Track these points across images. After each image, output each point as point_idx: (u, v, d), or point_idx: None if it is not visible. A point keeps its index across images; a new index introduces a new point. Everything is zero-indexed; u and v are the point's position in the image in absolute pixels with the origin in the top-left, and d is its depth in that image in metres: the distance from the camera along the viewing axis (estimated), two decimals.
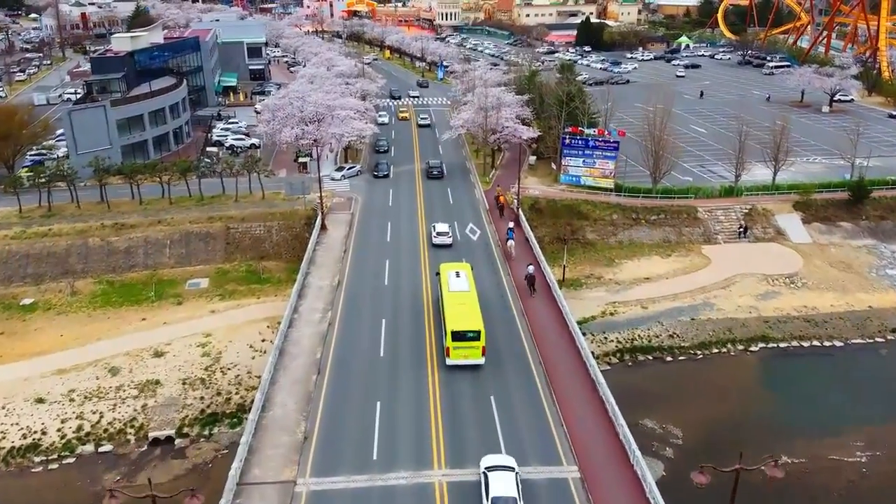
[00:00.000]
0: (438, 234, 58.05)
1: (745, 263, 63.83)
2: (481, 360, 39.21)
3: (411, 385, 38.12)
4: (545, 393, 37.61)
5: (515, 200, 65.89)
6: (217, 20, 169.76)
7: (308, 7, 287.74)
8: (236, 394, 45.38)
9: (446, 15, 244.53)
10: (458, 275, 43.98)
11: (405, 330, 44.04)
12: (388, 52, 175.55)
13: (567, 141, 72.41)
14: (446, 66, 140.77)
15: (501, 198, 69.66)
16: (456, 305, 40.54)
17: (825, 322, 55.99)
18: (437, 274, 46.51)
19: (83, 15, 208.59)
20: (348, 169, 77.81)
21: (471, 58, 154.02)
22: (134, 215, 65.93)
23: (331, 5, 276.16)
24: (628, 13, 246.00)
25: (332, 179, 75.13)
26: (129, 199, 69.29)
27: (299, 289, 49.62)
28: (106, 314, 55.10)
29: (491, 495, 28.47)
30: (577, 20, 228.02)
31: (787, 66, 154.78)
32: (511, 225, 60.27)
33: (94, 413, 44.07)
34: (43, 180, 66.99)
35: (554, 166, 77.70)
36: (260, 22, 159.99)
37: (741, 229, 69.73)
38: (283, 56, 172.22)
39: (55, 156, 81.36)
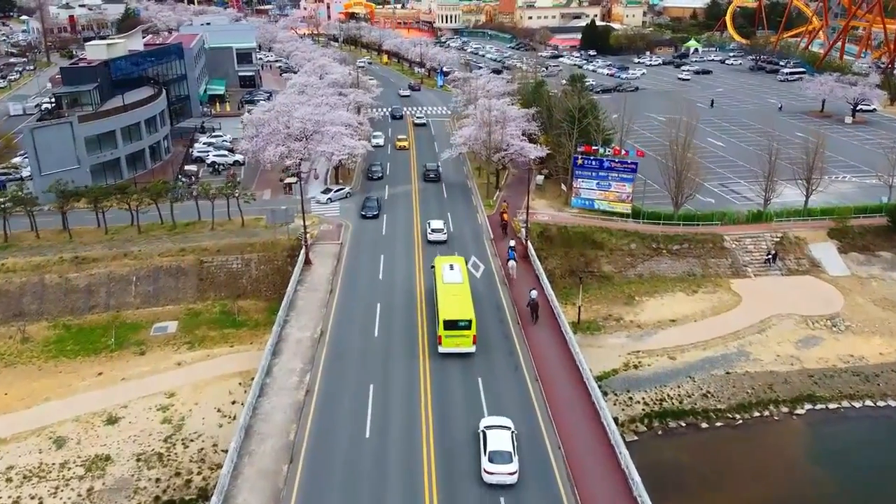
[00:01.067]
0: (433, 230, 59.35)
1: (780, 301, 57.05)
2: (472, 349, 40.87)
3: (404, 481, 31.33)
4: (564, 485, 30.87)
5: (523, 229, 59.15)
6: (208, 23, 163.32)
7: (305, 9, 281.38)
8: (198, 474, 38.53)
9: (446, 17, 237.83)
10: (451, 267, 46.09)
11: (397, 400, 37.21)
12: (385, 58, 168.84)
13: (579, 161, 65.63)
14: (446, 74, 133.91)
15: (505, 215, 63.63)
16: (449, 296, 42.31)
17: (876, 376, 49.14)
18: (432, 266, 48.45)
19: (71, 18, 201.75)
20: (336, 191, 70.69)
21: (471, 63, 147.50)
22: (98, 247, 59.13)
23: (328, 7, 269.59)
24: (633, 15, 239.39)
25: (318, 203, 68.32)
26: (94, 228, 62.47)
27: (274, 342, 42.81)
28: (58, 367, 48.26)
29: (489, 449, 31.11)
30: (581, 22, 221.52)
31: (802, 73, 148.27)
32: (512, 244, 55.19)
33: (32, 499, 37.26)
34: None
35: (564, 188, 70.89)
36: (250, 26, 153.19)
37: (769, 256, 63.07)
38: (277, 61, 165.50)
39: (20, 176, 74.67)
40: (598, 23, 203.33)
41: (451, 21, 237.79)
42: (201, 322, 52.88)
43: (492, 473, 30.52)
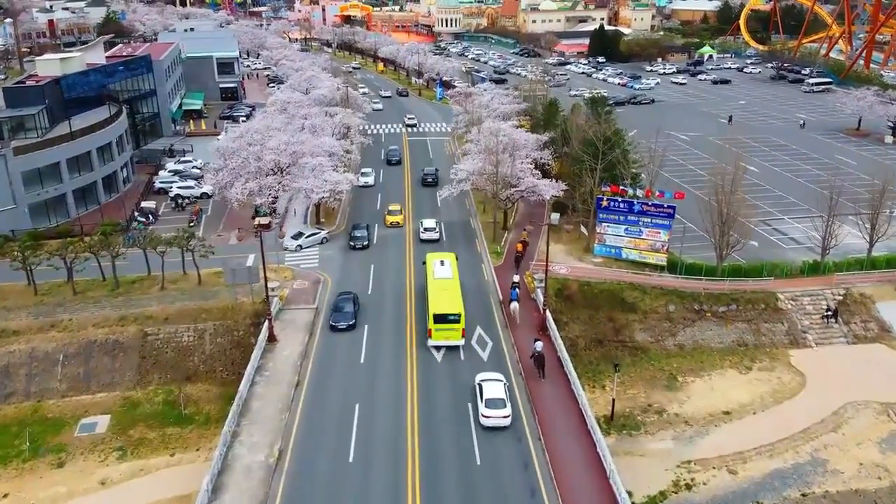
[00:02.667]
0: (426, 229, 59.34)
1: (851, 382, 46.59)
2: (461, 342, 42.40)
3: None
4: None
5: (538, 290, 48.67)
6: (192, 28, 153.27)
7: (299, 11, 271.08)
8: None
9: (446, 21, 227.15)
10: (442, 263, 47.50)
11: None
12: (381, 65, 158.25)
13: (604, 203, 55.09)
14: (446, 86, 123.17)
15: (520, 245, 55.31)
16: (439, 291, 43.90)
17: None
18: (424, 263, 49.76)
19: (50, 22, 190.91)
20: (308, 236, 59.47)
21: (473, 74, 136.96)
22: (22, 313, 48.58)
23: (323, 10, 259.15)
24: (641, 19, 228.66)
25: (287, 250, 57.75)
26: (23, 286, 51.86)
27: (215, 474, 32.24)
28: None
29: (485, 397, 35.73)
30: (587, 26, 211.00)
31: (829, 84, 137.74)
32: (516, 280, 49.52)
33: None
34: None
35: (584, 230, 60.28)
36: (232, 32, 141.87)
37: (829, 313, 52.73)
38: (266, 69, 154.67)
39: None
40: (606, 27, 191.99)
41: (451, 25, 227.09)
42: (139, 417, 42.33)
43: (488, 417, 35.33)
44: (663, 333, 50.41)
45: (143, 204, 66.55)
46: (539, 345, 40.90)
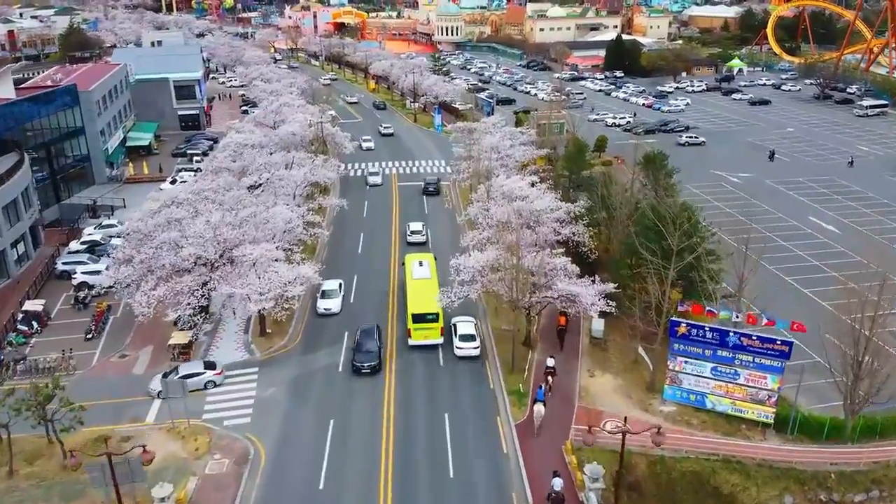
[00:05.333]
0: (412, 232, 58.87)
1: None
2: (440, 340, 42.86)
3: None
4: None
5: (593, 496, 30.58)
6: (159, 42, 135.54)
7: (289, 18, 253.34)
8: None
9: (446, 29, 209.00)
10: (421, 264, 48.06)
11: None
12: (372, 83, 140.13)
13: (680, 330, 36.86)
14: (445, 128, 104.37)
15: (563, 319, 42.40)
16: (418, 291, 44.59)
17: None
18: (402, 264, 50.77)
19: (10, 33, 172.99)
20: (186, 376, 38.38)
21: (477, 95, 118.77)
22: None
23: (314, 17, 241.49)
24: (658, 26, 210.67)
25: (151, 395, 39.18)
26: None
27: None
28: None
29: (459, 333, 42.37)
30: (600, 35, 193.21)
31: (884, 106, 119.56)
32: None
33: None
34: None
35: (644, 354, 41.91)
36: (202, 47, 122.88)
37: None
38: (242, 86, 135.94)
39: None
40: (623, 37, 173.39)
41: (451, 33, 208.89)
42: None
43: (461, 349, 41.81)
44: None
45: (28, 305, 48.03)
46: (558, 482, 30.80)
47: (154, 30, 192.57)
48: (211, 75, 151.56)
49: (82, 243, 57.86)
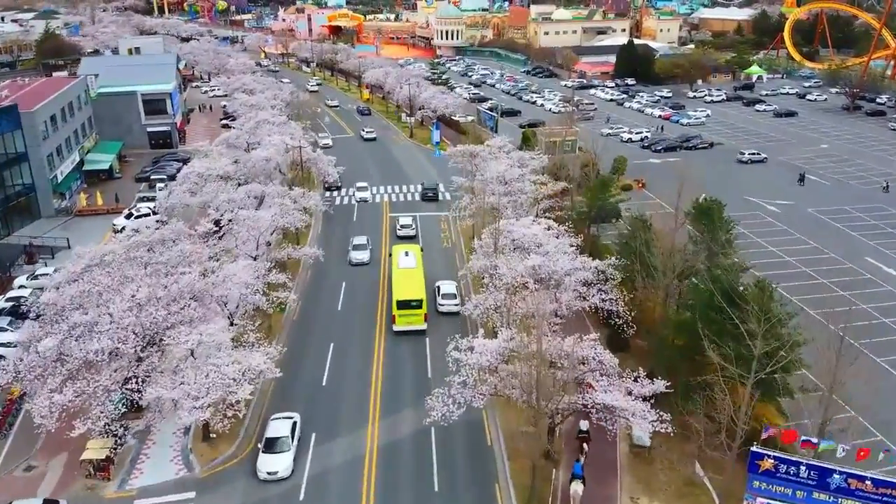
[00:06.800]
0: (402, 226, 60.74)
1: None
2: (424, 326, 44.15)
3: None
4: None
5: None
6: (137, 49, 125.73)
7: (283, 20, 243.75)
8: None
9: (446, 33, 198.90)
10: (406, 254, 49.30)
11: None
12: (366, 93, 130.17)
13: (763, 465, 26.87)
14: (443, 153, 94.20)
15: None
16: (403, 279, 45.76)
17: None
18: (390, 255, 52.38)
19: None
20: None
21: (479, 107, 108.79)
22: None
23: (309, 19, 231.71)
24: (668, 30, 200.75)
25: None
26: None
27: None
28: None
29: (442, 293, 47.38)
30: (607, 39, 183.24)
31: None
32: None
33: None
34: None
35: (701, 471, 31.81)
36: (171, 56, 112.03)
37: None
38: (225, 95, 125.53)
39: None
40: (634, 41, 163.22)
41: (451, 37, 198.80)
42: None
43: (443, 305, 46.59)
44: None
45: None
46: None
47: (138, 34, 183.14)
48: (194, 84, 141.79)
49: (7, 301, 47.87)
